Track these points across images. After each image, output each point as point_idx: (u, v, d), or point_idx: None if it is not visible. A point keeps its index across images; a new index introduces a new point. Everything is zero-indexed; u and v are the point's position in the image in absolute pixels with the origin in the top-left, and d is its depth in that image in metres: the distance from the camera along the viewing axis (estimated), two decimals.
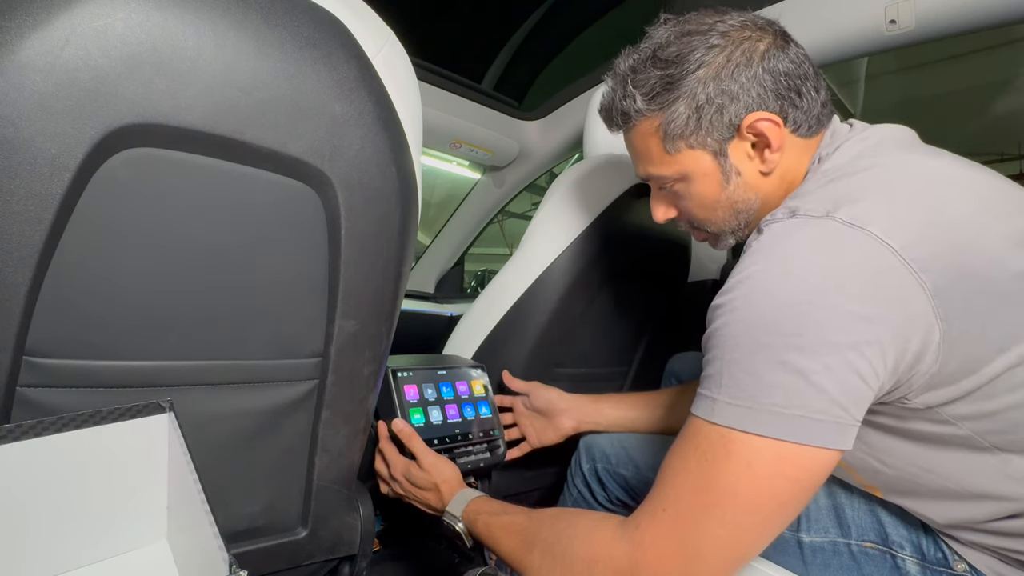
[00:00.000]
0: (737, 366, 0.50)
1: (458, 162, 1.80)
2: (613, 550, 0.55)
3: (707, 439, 0.51)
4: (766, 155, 0.62)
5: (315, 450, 0.65)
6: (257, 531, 0.64)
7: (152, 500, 0.48)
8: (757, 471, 0.49)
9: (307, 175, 0.53)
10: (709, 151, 0.63)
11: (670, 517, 0.53)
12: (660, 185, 0.69)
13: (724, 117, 0.60)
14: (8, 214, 0.41)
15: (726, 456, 0.50)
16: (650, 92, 0.62)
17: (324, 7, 0.52)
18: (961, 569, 0.58)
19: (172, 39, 0.43)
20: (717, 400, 0.51)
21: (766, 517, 0.51)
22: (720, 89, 0.60)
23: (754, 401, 0.49)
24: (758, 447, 0.49)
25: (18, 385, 0.46)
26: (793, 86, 0.61)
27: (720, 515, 0.50)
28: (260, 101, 0.48)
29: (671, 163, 0.64)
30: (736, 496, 0.50)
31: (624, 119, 0.66)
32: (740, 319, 0.51)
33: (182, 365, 0.54)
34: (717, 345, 0.52)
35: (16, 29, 0.38)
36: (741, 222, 0.67)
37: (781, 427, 0.48)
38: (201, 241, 0.51)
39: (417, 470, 0.78)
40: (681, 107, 0.61)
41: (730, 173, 0.63)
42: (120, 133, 0.43)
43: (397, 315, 0.66)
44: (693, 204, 0.67)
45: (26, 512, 0.42)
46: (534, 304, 1.00)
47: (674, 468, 0.54)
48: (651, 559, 0.53)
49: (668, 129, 0.62)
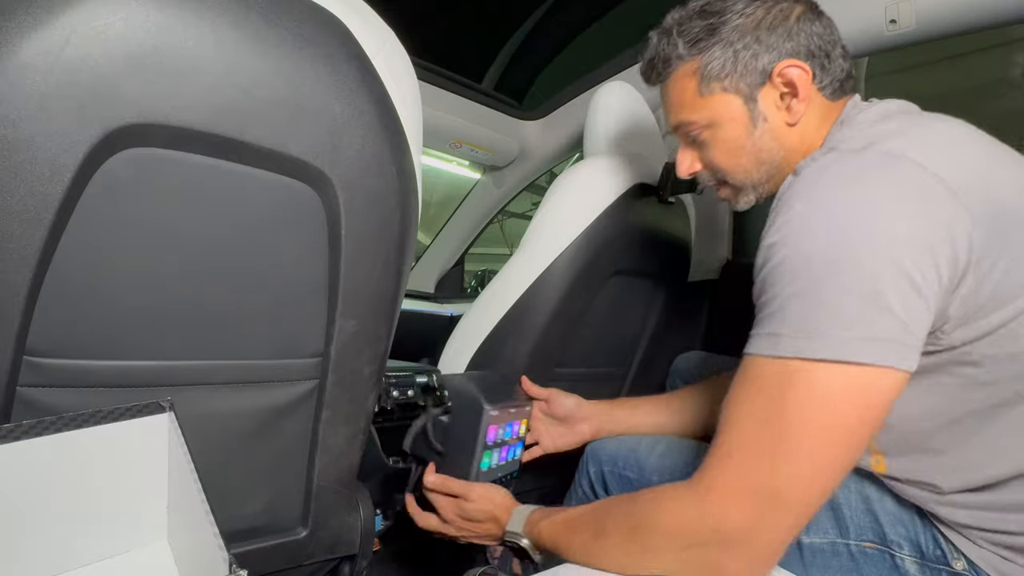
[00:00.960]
0: (799, 298, 0.52)
1: (458, 162, 1.80)
2: (684, 508, 0.55)
3: (770, 375, 0.53)
4: (793, 105, 0.65)
5: (315, 450, 0.65)
6: (257, 531, 0.64)
7: (152, 500, 0.48)
8: (825, 399, 0.50)
9: (307, 175, 0.53)
10: (740, 95, 0.66)
11: (738, 462, 0.53)
12: (689, 133, 0.71)
13: (758, 63, 0.64)
14: (8, 213, 0.41)
15: (792, 387, 0.51)
16: (692, 39, 0.66)
17: (324, 7, 0.52)
18: (960, 567, 0.58)
19: (172, 39, 0.43)
20: (781, 335, 0.52)
21: (838, 446, 0.51)
22: (757, 37, 0.64)
23: (819, 328, 0.50)
24: (826, 374, 0.50)
25: (18, 385, 0.46)
26: (823, 48, 0.65)
27: (791, 450, 0.51)
28: (260, 101, 0.48)
29: (703, 107, 0.68)
30: (805, 428, 0.50)
31: (665, 64, 0.70)
32: (797, 253, 0.53)
33: (182, 365, 0.54)
34: (775, 282, 0.54)
35: (16, 29, 0.38)
36: (763, 175, 0.69)
37: (848, 350, 0.49)
38: (201, 241, 0.51)
39: (469, 505, 0.78)
40: (718, 50, 0.65)
41: (757, 119, 0.66)
42: (120, 133, 0.43)
43: (397, 315, 0.66)
44: (719, 151, 0.70)
45: (26, 512, 0.42)
46: (534, 304, 1.00)
47: (736, 413, 0.55)
48: (724, 506, 0.52)
49: (705, 71, 0.66)
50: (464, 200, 1.97)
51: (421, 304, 1.80)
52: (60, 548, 0.45)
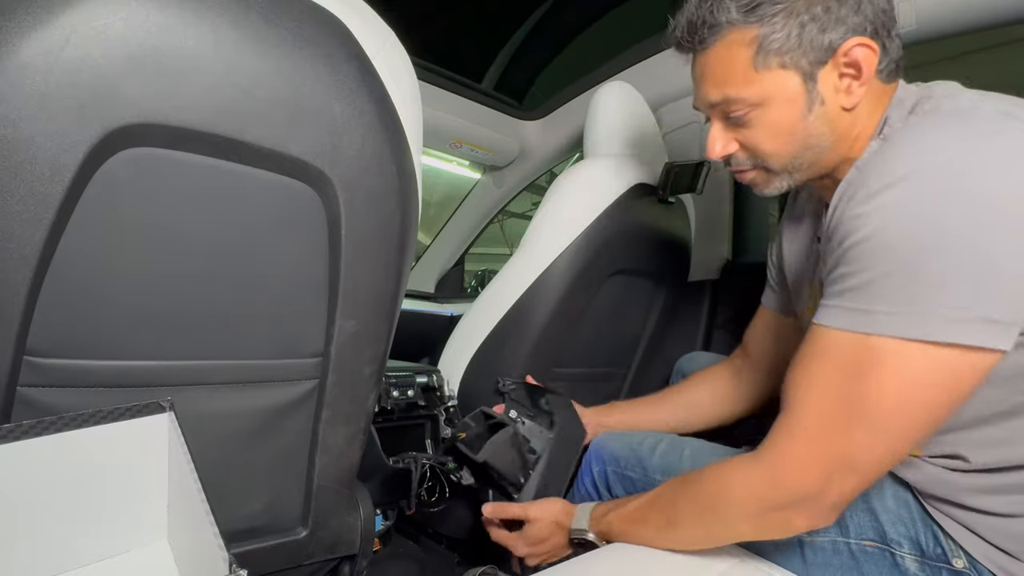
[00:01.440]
0: (900, 275, 0.49)
1: (458, 162, 1.80)
2: (755, 480, 0.58)
3: (850, 350, 0.52)
4: (852, 88, 0.59)
5: (315, 450, 0.65)
6: (257, 531, 0.64)
7: (152, 500, 0.48)
8: (917, 378, 0.50)
9: (307, 175, 0.53)
10: (800, 73, 0.59)
11: (811, 434, 0.54)
12: (731, 112, 0.64)
13: (824, 38, 0.58)
14: (8, 213, 0.41)
15: (879, 366, 0.50)
16: (750, 3, 0.59)
17: (324, 7, 0.52)
18: (960, 565, 0.58)
19: (172, 39, 0.43)
20: (873, 312, 0.51)
21: (921, 422, 0.52)
22: (826, 7, 0.57)
23: (923, 308, 0.48)
24: (921, 354, 0.49)
25: (19, 385, 0.46)
26: (887, 24, 0.59)
27: (871, 425, 0.52)
28: (260, 101, 0.48)
29: (755, 83, 0.61)
30: (889, 406, 0.51)
31: (710, 30, 0.61)
32: (893, 225, 0.50)
33: (182, 365, 0.54)
34: (865, 255, 0.51)
35: (16, 29, 0.38)
36: (806, 161, 0.64)
37: (952, 331, 0.48)
38: (201, 241, 0.51)
39: (532, 529, 0.78)
40: (781, 20, 0.58)
41: (814, 101, 0.60)
42: (120, 133, 0.43)
43: (397, 315, 0.66)
44: (764, 134, 0.63)
45: (26, 512, 0.42)
46: (534, 304, 1.00)
47: (809, 384, 0.55)
48: (798, 472, 0.55)
49: (764, 43, 0.59)
50: (464, 200, 1.97)
51: (421, 304, 1.80)
52: (60, 548, 0.45)
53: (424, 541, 1.14)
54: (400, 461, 0.91)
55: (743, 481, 0.59)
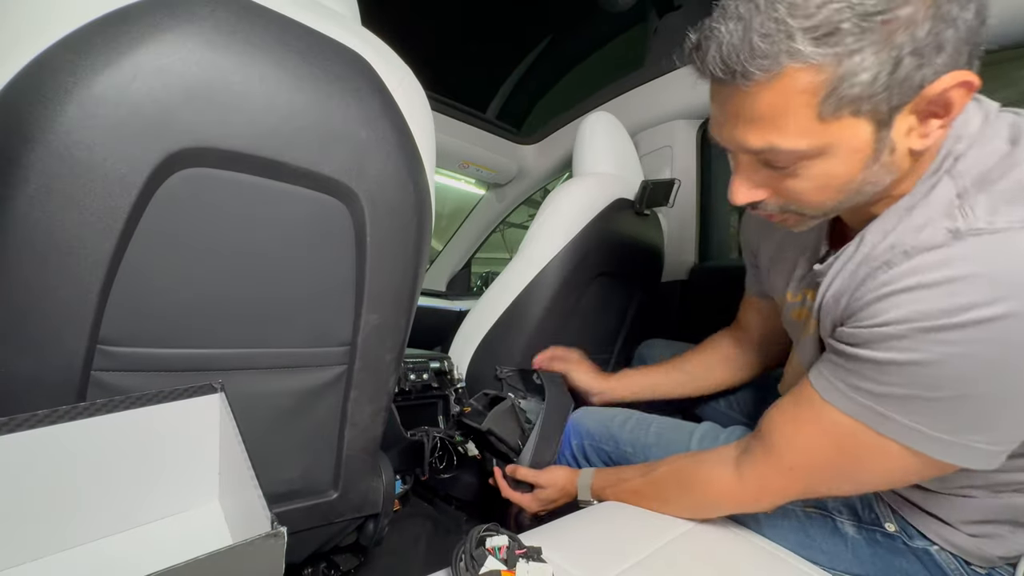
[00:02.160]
0: (937, 408, 0.41)
1: (466, 180, 1.80)
2: (731, 493, 0.58)
3: (853, 437, 0.46)
4: (931, 129, 0.40)
5: (344, 424, 0.65)
6: (295, 493, 0.64)
7: (205, 467, 0.48)
8: (905, 468, 0.46)
9: (337, 191, 0.53)
10: (874, 121, 0.39)
11: (797, 475, 0.52)
12: (774, 162, 0.43)
13: (918, 76, 0.37)
14: (84, 224, 0.41)
15: (876, 456, 0.46)
16: (828, 29, 0.36)
17: (351, 48, 0.52)
18: (892, 529, 0.58)
19: (222, 75, 0.43)
20: (893, 419, 0.43)
21: (894, 483, 0.50)
22: (933, 34, 0.36)
23: (937, 431, 0.42)
24: (918, 458, 0.44)
25: (92, 369, 0.46)
26: (978, 44, 0.38)
27: (852, 485, 0.51)
28: (297, 128, 0.48)
29: (816, 134, 0.40)
30: (873, 480, 0.49)
31: (762, 64, 0.38)
32: (977, 364, 0.38)
33: (231, 352, 0.54)
34: (916, 377, 0.40)
35: (91, 67, 0.38)
36: (850, 204, 0.46)
37: (958, 455, 0.43)
38: (247, 247, 0.51)
39: (544, 492, 0.79)
40: (871, 58, 0.36)
41: (883, 150, 0.41)
42: (179, 155, 0.43)
43: (414, 310, 0.66)
44: (810, 186, 0.44)
45: (99, 478, 0.42)
46: (531, 301, 1.00)
47: (804, 448, 0.51)
48: (772, 498, 0.56)
49: (841, 87, 0.37)
50: (471, 212, 1.96)
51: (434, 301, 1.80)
52: (128, 508, 0.45)
53: (437, 503, 1.14)
54: (416, 434, 0.91)
55: (728, 493, 0.59)
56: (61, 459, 0.40)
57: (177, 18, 0.41)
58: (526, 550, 0.49)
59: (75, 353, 0.44)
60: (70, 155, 0.38)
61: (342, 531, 0.73)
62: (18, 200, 0.38)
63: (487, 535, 0.51)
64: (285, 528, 0.33)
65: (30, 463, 0.38)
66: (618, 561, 0.54)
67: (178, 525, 0.46)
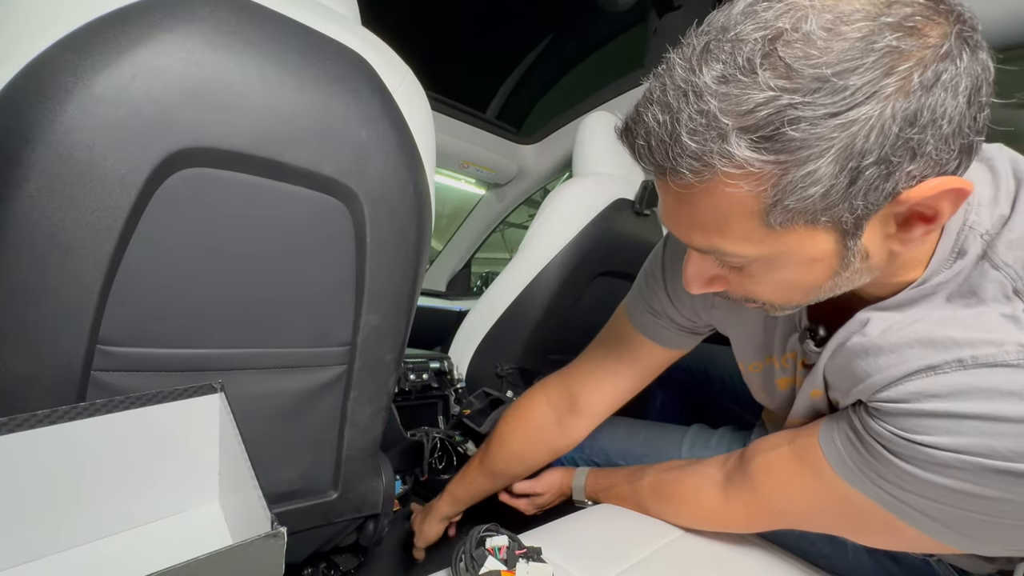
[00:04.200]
0: (1004, 528, 0.37)
1: (466, 180, 1.80)
2: (723, 517, 0.58)
3: (862, 512, 0.44)
4: (915, 235, 0.33)
5: (344, 424, 0.65)
6: (295, 493, 0.64)
7: (205, 467, 0.48)
8: (909, 545, 0.45)
9: (337, 191, 0.53)
10: (837, 230, 0.33)
11: (784, 519, 0.54)
12: (726, 262, 0.38)
13: (887, 185, 0.30)
14: (83, 224, 0.41)
15: (887, 531, 0.44)
16: (768, 132, 0.29)
17: (352, 48, 0.52)
18: None
19: (223, 75, 0.43)
20: (909, 507, 0.40)
21: (888, 548, 0.49)
22: (903, 140, 0.28)
23: (982, 541, 0.39)
24: (934, 543, 0.42)
25: (92, 369, 0.46)
26: (979, 128, 0.31)
27: (837, 532, 0.51)
28: (297, 128, 0.48)
29: (765, 243, 0.34)
30: (864, 537, 0.48)
31: (693, 167, 0.31)
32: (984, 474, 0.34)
33: (231, 352, 0.54)
34: (989, 506, 0.35)
35: (91, 67, 0.38)
36: (825, 298, 0.40)
37: (986, 550, 0.42)
38: (247, 247, 0.51)
39: (542, 500, 0.80)
40: (824, 168, 0.29)
41: (852, 259, 0.35)
42: (178, 155, 0.43)
43: (414, 310, 0.66)
44: (768, 288, 0.39)
45: (99, 478, 0.42)
46: (530, 301, 1.00)
47: (797, 499, 0.50)
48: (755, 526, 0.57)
49: (787, 199, 0.31)
50: (471, 212, 1.96)
51: (434, 301, 1.80)
52: (129, 507, 0.45)
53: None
54: (416, 434, 0.91)
55: (713, 515, 0.60)
56: (61, 459, 0.40)
57: (177, 18, 0.41)
58: (526, 550, 0.49)
59: (75, 353, 0.44)
60: (70, 155, 0.38)
61: (342, 531, 0.73)
62: (18, 200, 0.38)
63: (487, 535, 0.51)
64: (285, 528, 0.33)
65: (30, 463, 0.38)
66: (618, 561, 0.54)
67: (178, 525, 0.46)
